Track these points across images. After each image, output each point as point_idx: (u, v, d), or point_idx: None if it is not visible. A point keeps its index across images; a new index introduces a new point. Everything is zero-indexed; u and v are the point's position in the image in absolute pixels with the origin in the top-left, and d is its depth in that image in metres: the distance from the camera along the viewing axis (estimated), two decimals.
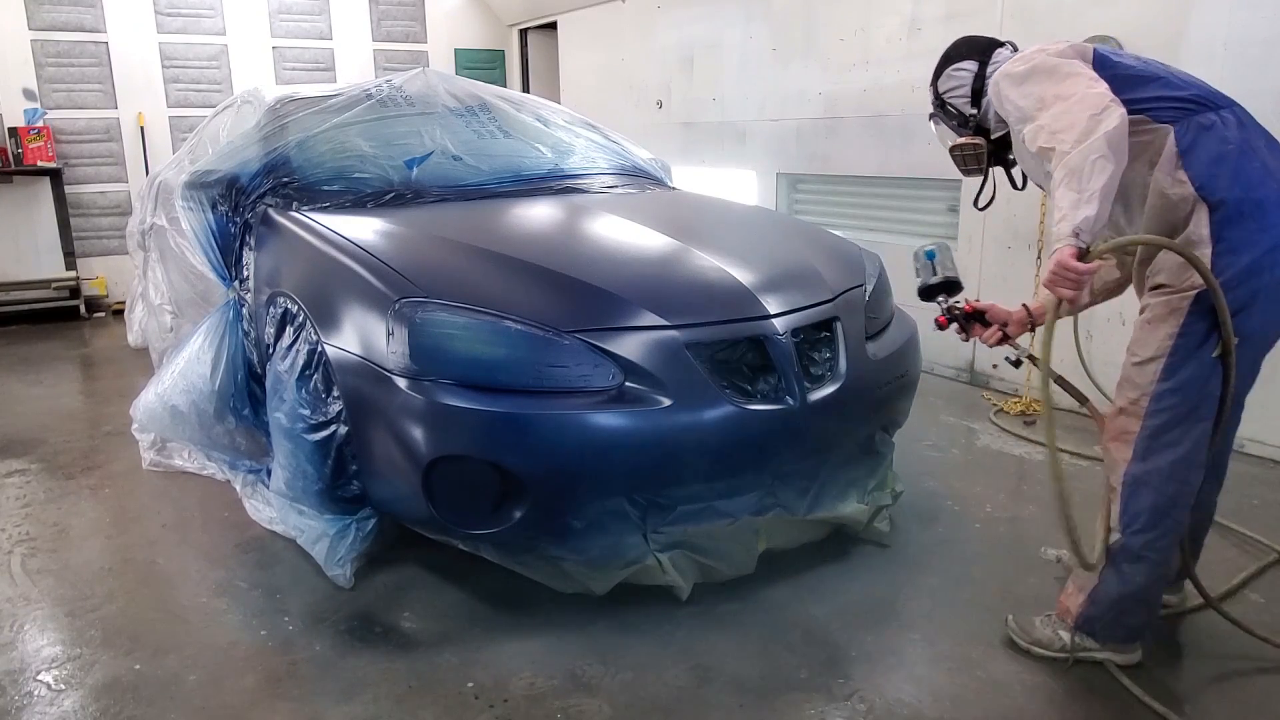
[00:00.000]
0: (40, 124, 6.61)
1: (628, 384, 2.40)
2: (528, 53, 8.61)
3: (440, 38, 8.28)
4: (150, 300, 4.59)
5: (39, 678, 2.31)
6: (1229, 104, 2.04)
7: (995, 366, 4.66)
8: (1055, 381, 2.17)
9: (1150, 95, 2.00)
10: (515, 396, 2.37)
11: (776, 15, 5.69)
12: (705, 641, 2.44)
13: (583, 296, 2.54)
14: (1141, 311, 2.09)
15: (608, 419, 2.35)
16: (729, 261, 2.74)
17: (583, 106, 6.29)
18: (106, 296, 7.09)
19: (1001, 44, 2.31)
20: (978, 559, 2.89)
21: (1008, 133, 2.26)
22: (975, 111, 2.25)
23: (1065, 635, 2.29)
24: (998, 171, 2.42)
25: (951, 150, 2.36)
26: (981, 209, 2.52)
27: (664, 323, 2.47)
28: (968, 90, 2.26)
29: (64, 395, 4.92)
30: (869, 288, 2.99)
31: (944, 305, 2.37)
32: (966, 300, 2.40)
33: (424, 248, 2.84)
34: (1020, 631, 2.38)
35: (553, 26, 8.02)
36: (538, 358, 2.40)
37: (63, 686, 2.28)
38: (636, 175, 3.97)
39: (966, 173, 2.36)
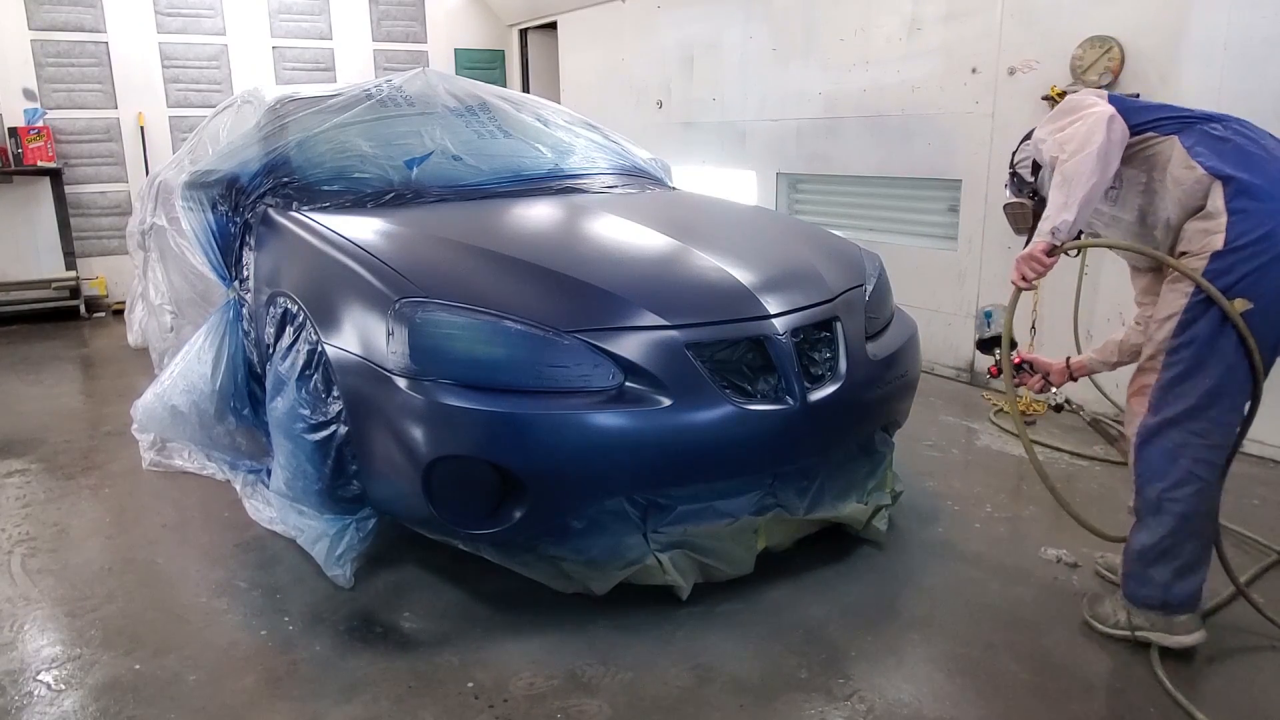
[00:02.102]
0: (40, 124, 6.61)
1: (628, 384, 2.40)
2: (528, 53, 8.61)
3: (440, 38, 8.28)
4: (150, 300, 4.60)
5: (39, 678, 2.31)
6: (1230, 118, 2.25)
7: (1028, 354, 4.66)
8: (1090, 424, 2.76)
9: (1154, 116, 2.27)
10: (515, 396, 2.37)
11: (776, 15, 5.68)
12: (705, 641, 2.44)
13: (583, 296, 2.54)
14: (1167, 279, 2.26)
15: (608, 419, 2.35)
16: (729, 261, 2.74)
17: (583, 106, 6.29)
18: (106, 296, 7.09)
19: None
20: (978, 559, 2.89)
21: None
22: (1033, 180, 2.54)
23: (1123, 615, 2.36)
24: None
25: (1004, 208, 2.67)
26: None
27: (664, 323, 2.47)
28: (1030, 161, 2.52)
29: (64, 395, 4.92)
30: (869, 288, 2.99)
31: (997, 357, 2.62)
32: (1017, 353, 2.72)
33: (424, 248, 2.84)
34: (1088, 604, 2.48)
35: (553, 26, 8.02)
36: (538, 358, 2.40)
37: (63, 686, 2.28)
38: (636, 175, 3.97)
39: (1016, 230, 2.64)
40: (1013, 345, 2.58)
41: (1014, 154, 2.61)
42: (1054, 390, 2.76)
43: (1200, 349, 2.15)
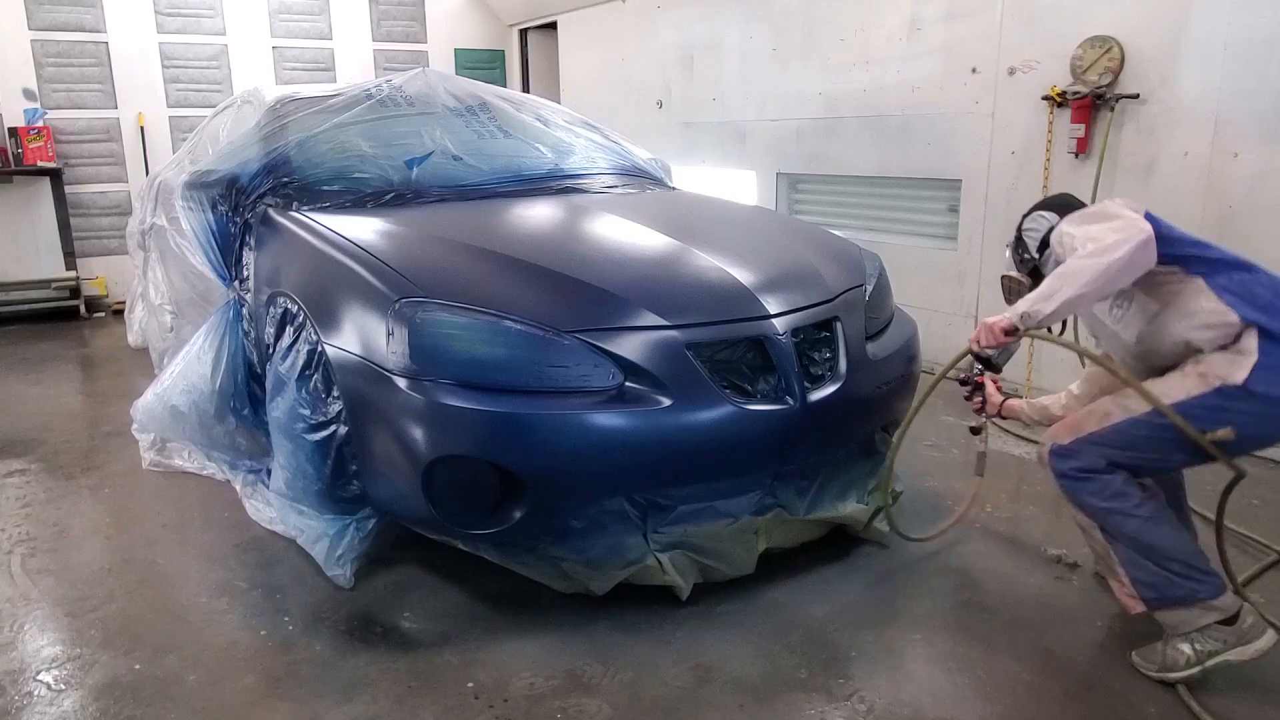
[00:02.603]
0: (40, 124, 6.61)
1: (628, 384, 2.40)
2: (528, 53, 8.61)
3: (440, 38, 8.28)
4: (150, 300, 4.60)
5: (39, 678, 2.31)
6: (1258, 268, 2.22)
7: (994, 382, 4.65)
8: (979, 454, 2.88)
9: (1183, 252, 2.20)
10: (515, 396, 2.37)
11: (776, 15, 5.68)
12: (705, 641, 2.44)
13: (583, 296, 2.54)
14: (1174, 367, 2.24)
15: (608, 419, 2.35)
16: (729, 261, 2.74)
17: (583, 106, 6.29)
18: (106, 296, 7.09)
19: None
20: (978, 559, 2.89)
21: None
22: (1037, 257, 2.48)
23: (1185, 648, 2.19)
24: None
25: (1001, 278, 2.63)
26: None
27: (664, 323, 2.47)
28: (1039, 237, 2.46)
29: (64, 395, 4.92)
30: (869, 288, 2.99)
31: (975, 370, 2.71)
32: (981, 374, 2.75)
33: (424, 248, 2.84)
34: (1145, 664, 2.27)
35: (553, 26, 8.02)
36: (538, 358, 2.40)
37: (63, 686, 2.28)
38: (636, 175, 3.97)
39: (1009, 302, 2.55)
40: (998, 370, 2.68)
41: (1024, 219, 2.53)
42: (983, 418, 2.82)
43: (1157, 442, 2.18)
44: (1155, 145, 3.83)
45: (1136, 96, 3.84)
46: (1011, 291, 2.55)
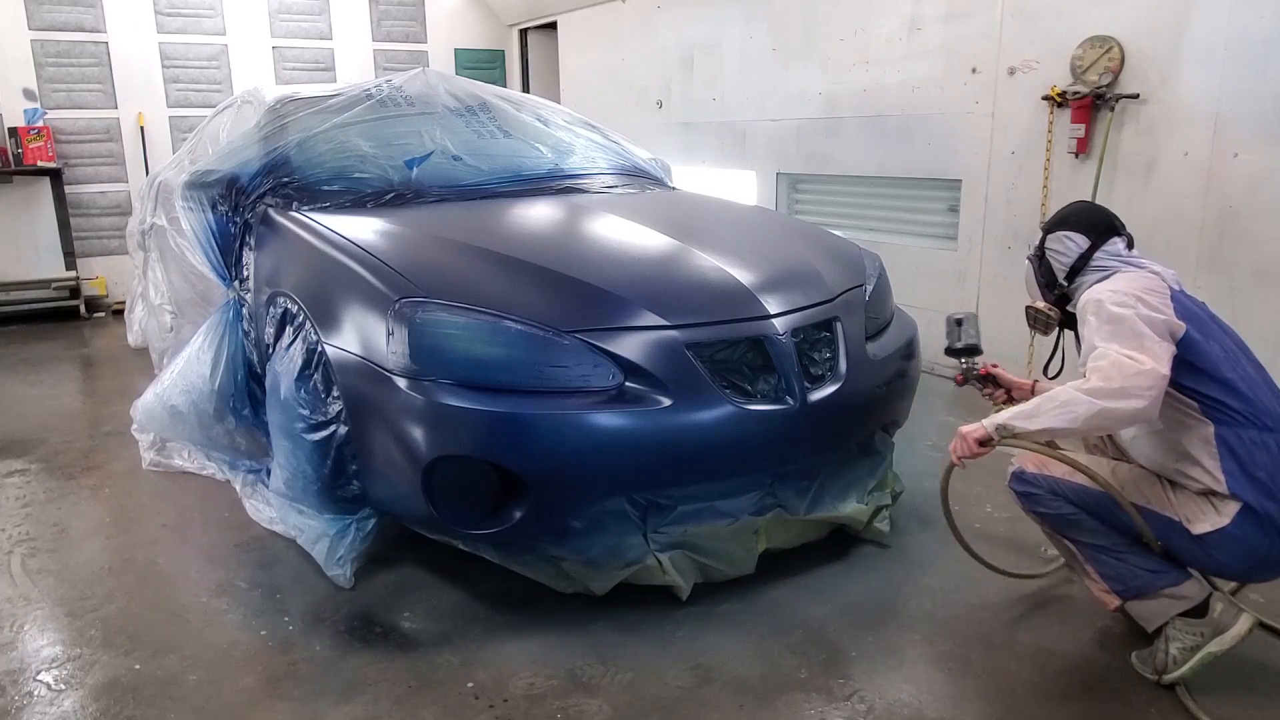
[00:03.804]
0: (40, 124, 6.61)
1: (628, 384, 2.40)
2: (528, 53, 8.61)
3: (440, 38, 8.28)
4: (150, 300, 4.59)
5: (39, 678, 2.31)
6: (1277, 429, 2.09)
7: (995, 366, 4.65)
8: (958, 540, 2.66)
9: (1210, 392, 2.08)
10: (515, 396, 2.37)
11: (776, 15, 5.68)
12: (705, 641, 2.44)
13: (583, 296, 2.54)
14: (1169, 481, 2.20)
15: (608, 419, 2.35)
16: (729, 261, 2.74)
17: (583, 106, 6.29)
18: (106, 296, 7.08)
19: (1120, 232, 2.30)
20: (977, 558, 2.88)
21: None
22: (1066, 285, 2.32)
23: (1168, 648, 2.18)
24: (1067, 336, 2.45)
25: (1027, 308, 2.44)
26: (1051, 378, 2.58)
27: (664, 323, 2.47)
28: (1069, 262, 2.30)
29: (64, 395, 4.92)
30: (869, 288, 2.99)
31: (964, 365, 2.61)
32: (984, 364, 2.65)
33: (424, 248, 2.84)
34: (1142, 666, 2.27)
35: (553, 26, 8.02)
36: (538, 358, 2.40)
37: (63, 686, 2.28)
38: (636, 175, 3.97)
39: (1033, 329, 2.44)
40: (978, 353, 2.60)
41: (1047, 236, 2.34)
42: (1007, 400, 2.64)
43: (1110, 524, 2.22)
44: (1155, 145, 3.83)
45: (1136, 96, 3.84)
46: (1039, 322, 2.38)
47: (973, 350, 2.58)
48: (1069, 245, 2.29)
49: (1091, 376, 2.00)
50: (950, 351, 2.62)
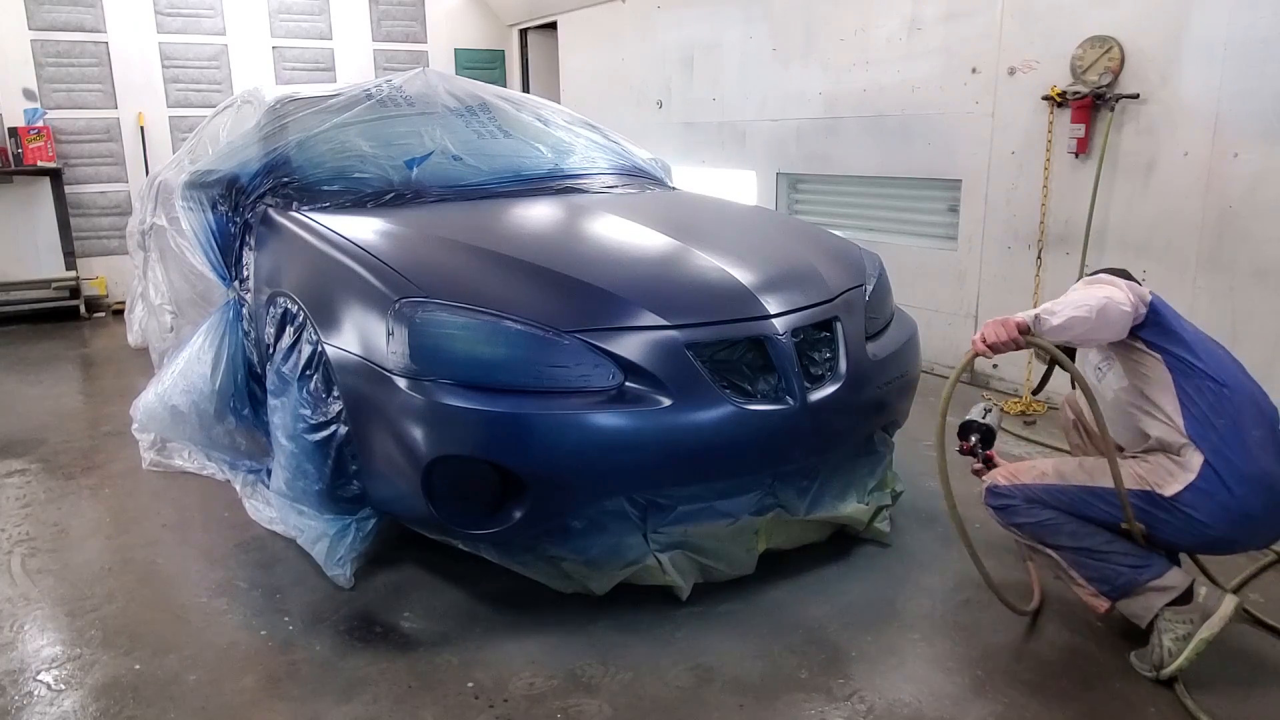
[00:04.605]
0: (40, 124, 6.61)
1: (628, 384, 2.40)
2: (528, 53, 8.61)
3: (440, 38, 8.28)
4: (150, 300, 4.60)
5: (39, 678, 2.31)
6: (1242, 390, 2.22)
7: (995, 366, 4.66)
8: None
9: (1170, 348, 2.23)
10: (515, 396, 2.37)
11: (776, 15, 5.68)
12: (705, 641, 2.44)
13: (583, 296, 2.54)
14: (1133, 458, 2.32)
15: (608, 419, 2.35)
16: (729, 261, 2.74)
17: (583, 106, 6.29)
18: (106, 296, 7.09)
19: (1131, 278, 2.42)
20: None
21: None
22: None
23: (1162, 641, 2.21)
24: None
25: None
26: (1035, 394, 2.94)
27: (664, 323, 2.47)
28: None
29: (64, 395, 4.92)
30: (869, 288, 2.99)
31: (974, 443, 2.69)
32: (989, 451, 2.70)
33: (424, 248, 2.84)
34: (1141, 665, 2.28)
35: (553, 26, 8.02)
36: (538, 358, 2.40)
37: (63, 686, 2.28)
38: (636, 175, 3.97)
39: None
40: (990, 439, 2.67)
41: None
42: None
43: (1080, 519, 2.29)
44: (1155, 145, 3.83)
45: (1136, 96, 3.84)
46: (1037, 351, 2.49)
47: (989, 435, 2.69)
48: None
49: (1094, 284, 2.25)
50: (967, 424, 2.71)
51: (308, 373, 2.66)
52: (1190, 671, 2.20)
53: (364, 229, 2.92)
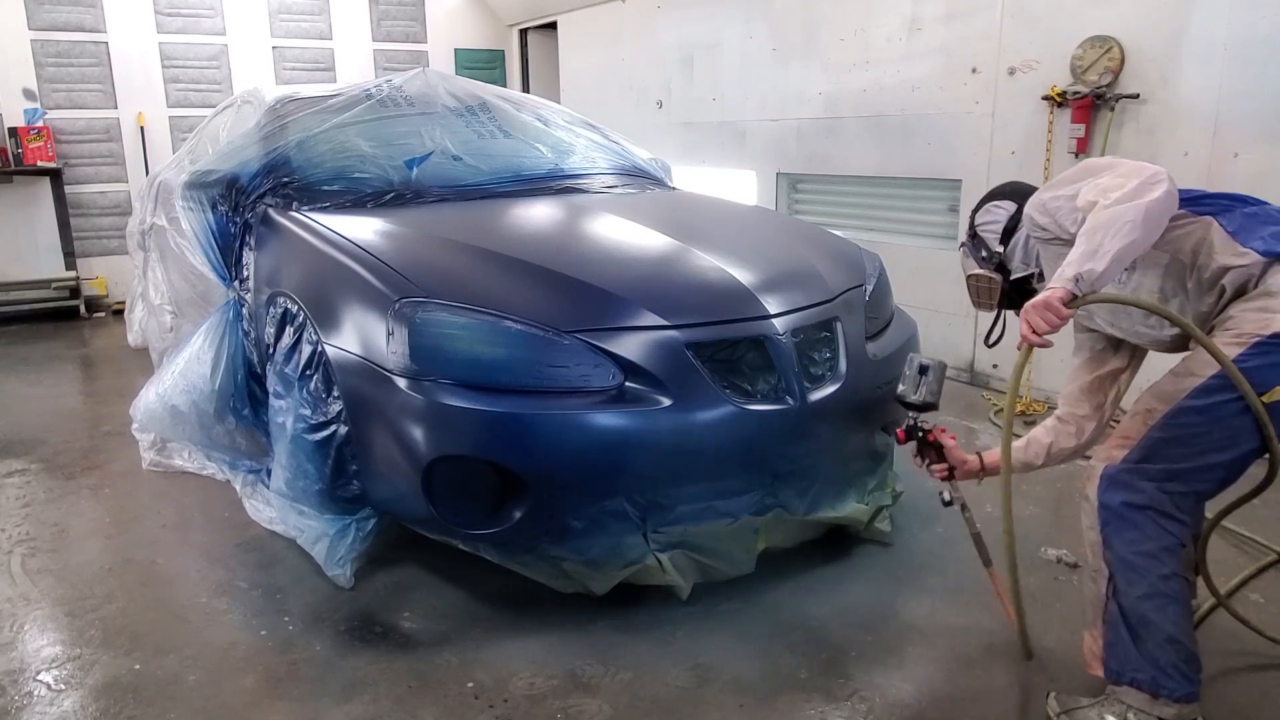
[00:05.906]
0: (40, 124, 6.61)
1: (628, 384, 2.40)
2: (528, 53, 8.61)
3: (440, 38, 8.28)
4: (150, 300, 4.59)
5: (39, 678, 2.32)
6: (1254, 199, 2.04)
7: (995, 366, 4.66)
8: (973, 537, 2.44)
9: (1190, 196, 2.01)
10: (515, 396, 2.37)
11: (776, 15, 5.69)
12: (705, 641, 2.44)
13: (583, 296, 2.54)
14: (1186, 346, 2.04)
15: (608, 419, 2.35)
16: (729, 261, 2.74)
17: (583, 106, 6.29)
18: (106, 296, 7.09)
19: None
20: (978, 559, 2.88)
21: (1024, 277, 2.27)
22: (1001, 250, 2.28)
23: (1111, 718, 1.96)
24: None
25: (968, 279, 2.36)
26: (990, 345, 2.46)
27: (664, 323, 2.47)
28: (999, 228, 2.28)
29: (64, 395, 4.92)
30: (869, 288, 2.99)
31: (911, 421, 2.44)
32: (936, 426, 2.46)
33: (424, 248, 2.84)
34: (1057, 709, 2.07)
35: (553, 26, 8.02)
36: (538, 358, 2.40)
37: (63, 686, 2.28)
38: (636, 175, 3.97)
39: (977, 305, 2.36)
40: (931, 410, 2.41)
41: (974, 214, 2.34)
42: (953, 483, 2.46)
43: (1213, 421, 1.89)
44: (1155, 145, 3.83)
45: (1136, 96, 3.84)
46: (982, 293, 2.30)
47: (927, 407, 2.42)
48: (998, 213, 2.29)
49: (1107, 195, 1.87)
50: (903, 403, 2.44)
51: (308, 373, 2.66)
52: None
53: (364, 229, 2.92)
